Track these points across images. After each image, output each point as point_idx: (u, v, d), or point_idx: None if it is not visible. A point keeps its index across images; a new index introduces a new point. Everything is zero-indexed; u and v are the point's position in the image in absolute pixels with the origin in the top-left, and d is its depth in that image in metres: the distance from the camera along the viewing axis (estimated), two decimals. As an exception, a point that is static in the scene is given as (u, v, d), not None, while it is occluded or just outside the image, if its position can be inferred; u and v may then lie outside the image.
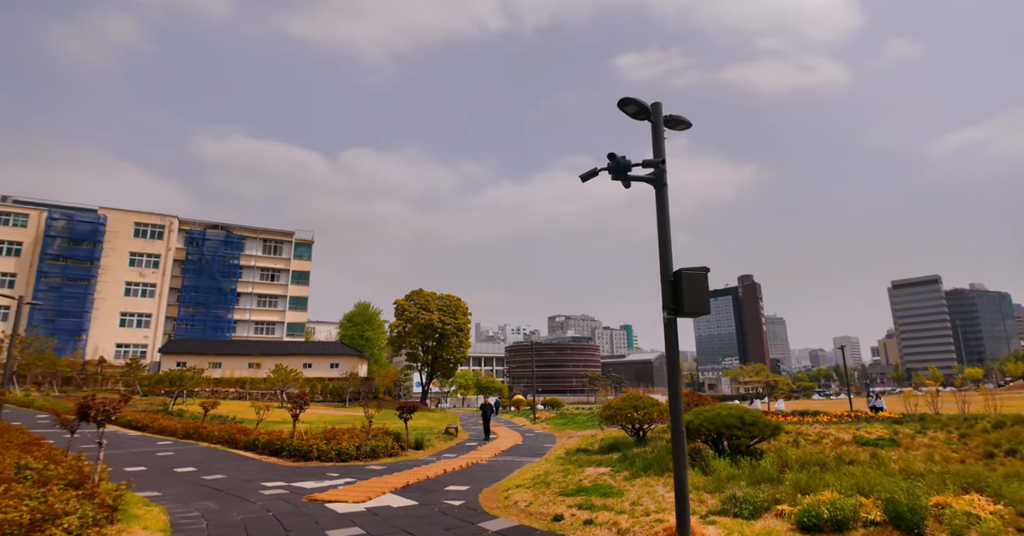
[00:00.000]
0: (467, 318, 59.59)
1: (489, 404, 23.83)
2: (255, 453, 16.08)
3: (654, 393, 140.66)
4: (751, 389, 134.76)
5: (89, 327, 58.53)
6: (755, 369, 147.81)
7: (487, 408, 23.52)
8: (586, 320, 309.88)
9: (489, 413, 23.29)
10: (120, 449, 16.65)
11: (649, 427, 14.33)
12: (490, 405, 23.75)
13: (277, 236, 72.14)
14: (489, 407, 23.63)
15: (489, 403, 24.09)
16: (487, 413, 23.28)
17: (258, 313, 69.24)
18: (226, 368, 55.69)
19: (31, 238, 58.13)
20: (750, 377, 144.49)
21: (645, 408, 13.63)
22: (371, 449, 15.39)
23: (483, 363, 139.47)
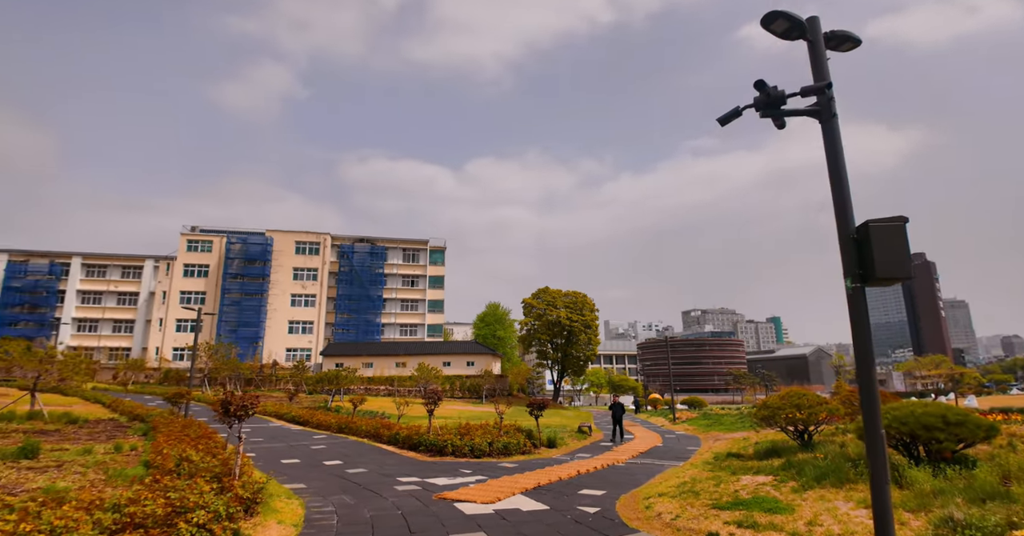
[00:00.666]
0: (594, 315, 58.33)
1: (620, 403, 21.63)
2: (396, 447, 16.61)
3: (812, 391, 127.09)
4: (930, 384, 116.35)
5: (264, 334, 66.69)
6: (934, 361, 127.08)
7: (617, 407, 21.41)
8: (726, 313, 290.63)
9: (620, 413, 21.24)
10: (282, 442, 18.18)
11: (816, 429, 12.25)
12: (621, 404, 21.55)
13: (414, 245, 76.79)
14: (620, 406, 21.44)
15: (620, 402, 21.78)
16: (618, 413, 21.22)
17: (402, 316, 74.11)
18: (377, 368, 60.19)
19: (215, 261, 67.72)
20: (928, 370, 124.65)
21: (810, 407, 11.63)
22: (503, 446, 15.09)
23: (614, 361, 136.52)
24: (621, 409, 21.33)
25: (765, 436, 15.99)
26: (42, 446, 13.93)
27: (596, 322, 58.94)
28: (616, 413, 21.23)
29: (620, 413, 21.21)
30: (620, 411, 21.25)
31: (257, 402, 8.19)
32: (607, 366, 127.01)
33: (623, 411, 21.38)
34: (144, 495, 5.00)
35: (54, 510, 4.07)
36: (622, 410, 21.34)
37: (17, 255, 66.91)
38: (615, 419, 21.15)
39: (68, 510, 4.10)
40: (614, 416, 21.25)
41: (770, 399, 12.52)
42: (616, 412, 21.25)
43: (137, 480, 6.23)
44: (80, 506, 4.37)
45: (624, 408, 21.82)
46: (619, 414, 21.14)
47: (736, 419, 25.62)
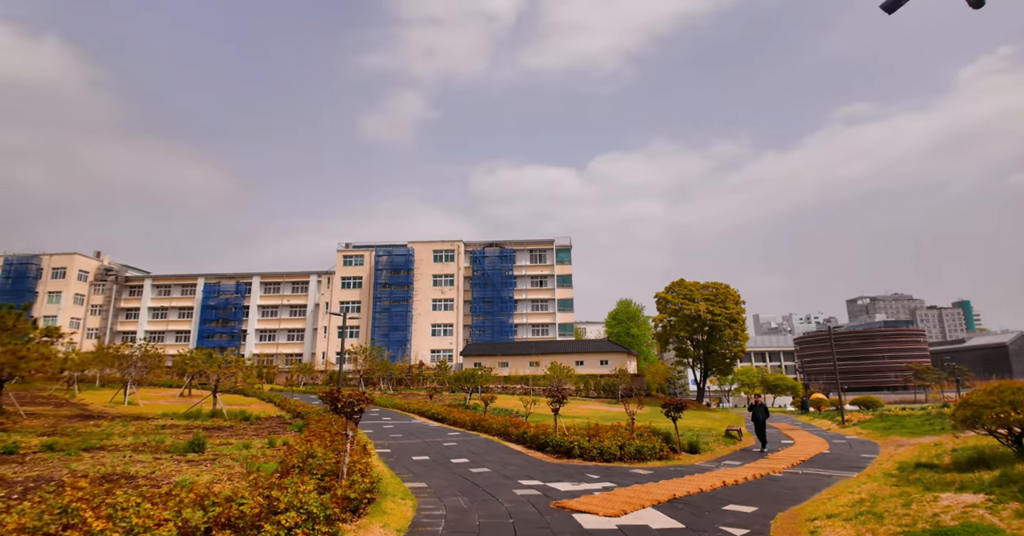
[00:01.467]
0: (740, 307, 53.59)
1: (763, 405, 18.28)
2: (523, 446, 16.18)
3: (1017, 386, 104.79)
4: None
5: (411, 337, 71.37)
6: None
7: (760, 410, 18.07)
8: (900, 300, 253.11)
9: (764, 417, 17.90)
10: (418, 438, 18.69)
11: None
12: (764, 406, 18.20)
13: (540, 245, 77.35)
14: (763, 409, 18.10)
15: (763, 403, 18.40)
16: (759, 416, 17.93)
17: (533, 316, 74.87)
18: (512, 367, 61.33)
19: (367, 273, 74.05)
20: None
21: None
22: (636, 450, 13.89)
23: (768, 358, 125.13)
24: (764, 412, 18.07)
25: (964, 442, 12.91)
26: (209, 441, 15.64)
27: (742, 315, 54.18)
28: (758, 416, 18.02)
29: (763, 416, 17.95)
30: (763, 414, 17.98)
31: (366, 400, 8.09)
32: (759, 364, 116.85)
33: (767, 414, 18.08)
34: (241, 494, 4.91)
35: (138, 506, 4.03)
36: (765, 413, 18.04)
37: (211, 278, 78.85)
38: (757, 424, 17.96)
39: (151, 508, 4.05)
40: (756, 420, 18.07)
41: (973, 395, 9.85)
42: (758, 415, 18.04)
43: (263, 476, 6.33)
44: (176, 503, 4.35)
45: (768, 410, 18.38)
46: (762, 418, 17.92)
47: (921, 421, 21.40)
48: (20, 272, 77.54)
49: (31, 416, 19.84)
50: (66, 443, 12.24)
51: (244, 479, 8.41)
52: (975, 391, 9.96)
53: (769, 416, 18.75)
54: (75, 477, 4.74)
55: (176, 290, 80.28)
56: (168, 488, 6.06)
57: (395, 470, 11.87)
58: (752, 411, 18.34)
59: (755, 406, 18.25)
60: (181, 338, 77.74)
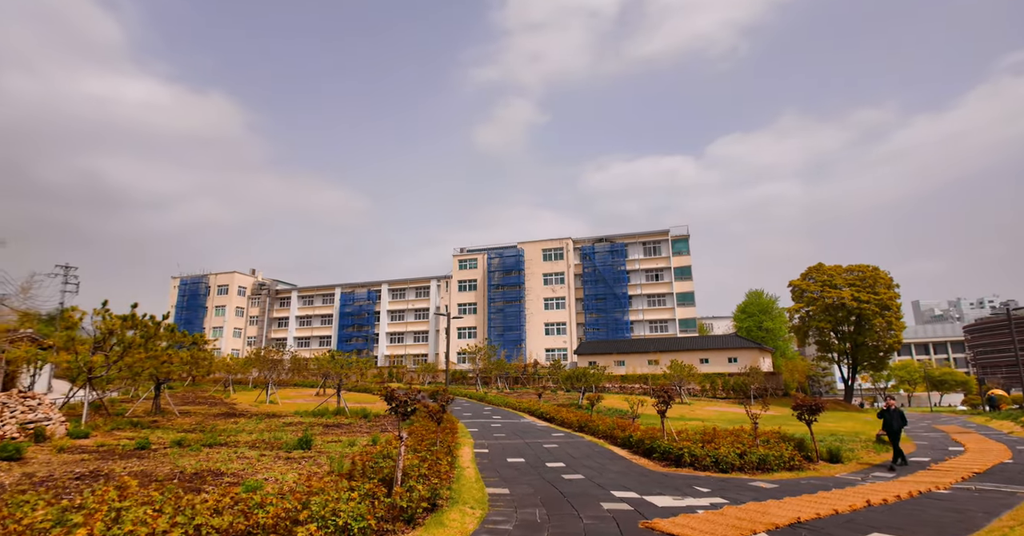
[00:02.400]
0: (893, 292, 46.66)
1: (898, 410, 14.60)
2: (629, 451, 14.95)
3: None
4: None
5: (525, 337, 71.88)
6: None
7: (894, 417, 14.45)
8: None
9: (899, 425, 14.33)
10: (520, 439, 18.18)
11: None
12: (900, 412, 14.55)
13: (654, 237, 73.94)
14: (898, 416, 14.46)
15: (897, 409, 14.70)
16: (894, 424, 14.37)
17: (650, 312, 71.75)
18: (628, 365, 59.13)
19: (480, 275, 75.97)
20: None
21: None
22: (759, 459, 12.09)
23: (932, 350, 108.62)
24: (901, 419, 14.44)
25: None
26: (321, 438, 16.39)
27: (896, 301, 47.16)
28: (892, 424, 14.41)
29: (900, 425, 14.35)
30: (900, 422, 14.37)
31: (421, 399, 7.59)
32: (922, 357, 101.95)
33: (904, 422, 14.47)
34: (269, 500, 4.59)
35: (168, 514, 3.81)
36: (902, 421, 14.45)
37: (346, 288, 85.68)
38: (891, 433, 14.41)
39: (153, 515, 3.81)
40: (888, 429, 14.51)
41: None
42: (892, 423, 14.42)
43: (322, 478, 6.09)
44: (193, 509, 4.12)
45: (905, 417, 14.61)
46: (897, 427, 14.32)
47: None
48: (193, 290, 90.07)
49: (184, 414, 22.39)
50: (193, 439, 13.39)
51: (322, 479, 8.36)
52: None
53: (907, 424, 15.13)
54: (124, 477, 4.71)
55: (318, 300, 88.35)
56: (222, 490, 5.96)
57: (484, 473, 11.38)
58: (884, 418, 14.71)
59: (888, 412, 14.64)
60: (324, 342, 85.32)
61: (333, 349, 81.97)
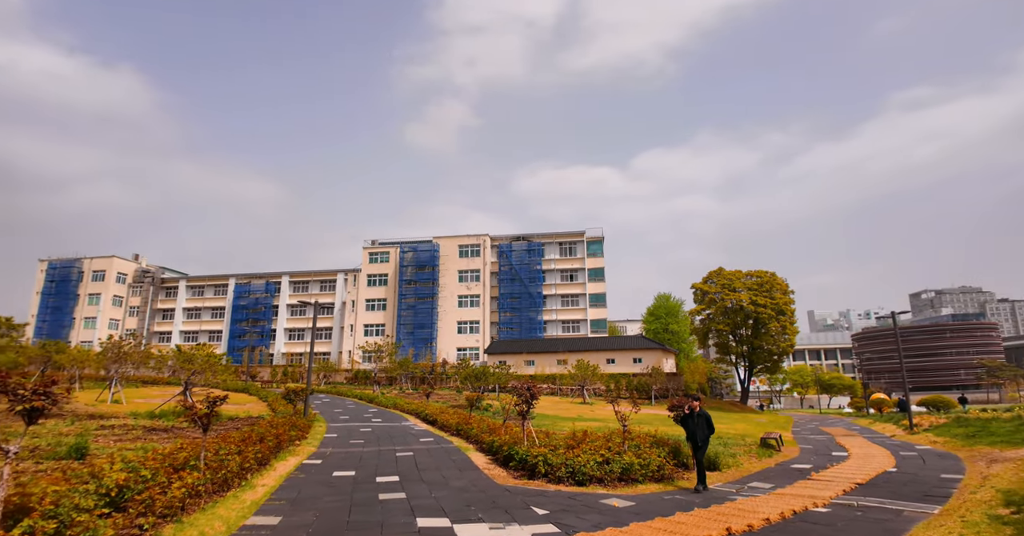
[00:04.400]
0: (788, 297, 48.23)
1: (702, 414, 10.78)
2: (490, 459, 12.86)
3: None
4: None
5: (437, 335, 68.96)
6: None
7: (698, 423, 10.66)
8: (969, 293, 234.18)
9: (704, 434, 10.59)
10: (378, 445, 15.60)
11: None
12: (704, 416, 10.75)
13: (570, 238, 73.48)
14: (703, 421, 10.67)
15: (702, 412, 10.82)
16: (697, 434, 10.59)
17: (563, 312, 71.13)
18: (538, 365, 57.85)
19: (392, 270, 72.14)
20: None
21: None
22: (623, 468, 10.30)
23: (823, 356, 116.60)
24: (708, 426, 10.65)
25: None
26: (113, 445, 13.14)
27: (791, 307, 48.77)
28: (692, 433, 10.66)
29: (705, 434, 10.60)
30: (706, 430, 10.62)
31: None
32: (814, 362, 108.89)
33: (711, 430, 10.71)
34: None
35: None
36: (709, 428, 10.67)
37: (241, 278, 78.87)
38: (693, 445, 10.72)
39: None
40: (690, 439, 10.86)
41: None
42: (692, 431, 10.68)
43: None
44: None
45: (711, 423, 10.79)
46: (702, 437, 10.56)
47: (1015, 426, 16.65)
48: (63, 276, 79.68)
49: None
50: None
51: None
52: None
53: (713, 431, 10.79)
54: None
55: (209, 290, 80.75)
56: None
57: (280, 492, 8.81)
58: (686, 426, 10.91)
59: (690, 417, 10.80)
60: (214, 338, 78.02)
61: (224, 345, 75.17)
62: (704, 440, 10.58)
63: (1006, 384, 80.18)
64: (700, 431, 10.58)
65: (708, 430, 10.66)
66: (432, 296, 69.47)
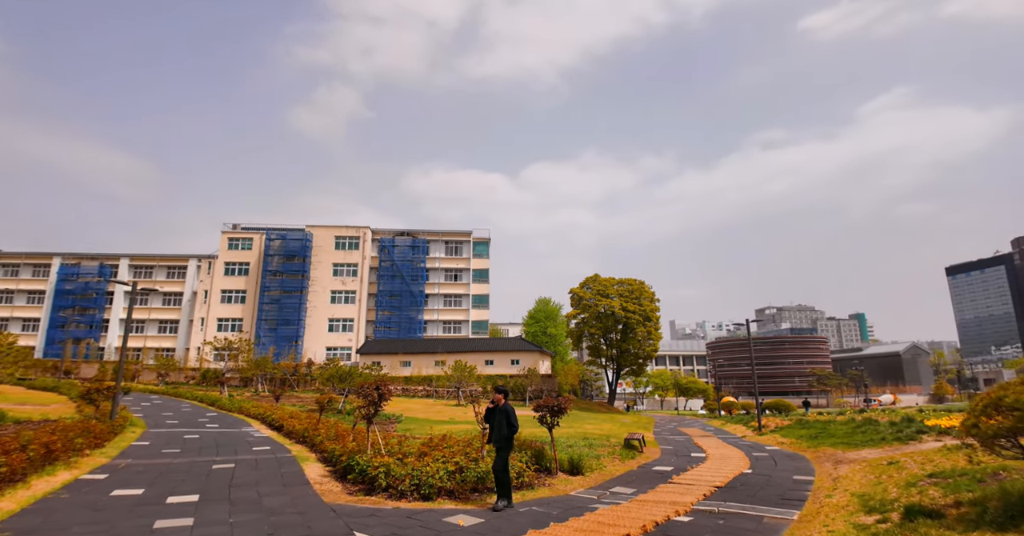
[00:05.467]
0: (655, 305, 50.83)
1: (508, 409, 8.79)
2: (329, 469, 10.95)
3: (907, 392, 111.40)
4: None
5: (304, 333, 63.66)
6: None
7: (501, 420, 8.62)
8: (804, 310, 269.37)
9: (507, 432, 8.53)
10: (196, 456, 12.89)
11: None
12: (507, 411, 8.71)
13: (456, 237, 71.96)
14: (505, 417, 8.63)
15: (506, 406, 8.83)
16: (502, 431, 8.54)
17: (445, 313, 69.39)
18: (415, 366, 55.52)
19: (256, 259, 65.43)
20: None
21: None
22: (478, 477, 9.00)
23: (681, 362, 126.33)
24: (508, 424, 8.57)
25: (953, 462, 9.05)
26: None
27: (656, 313, 51.43)
28: (499, 430, 8.58)
29: (509, 433, 8.56)
30: (510, 428, 8.57)
31: None
32: (673, 367, 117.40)
33: (514, 428, 8.60)
34: None
35: None
36: (511, 426, 8.57)
37: (69, 258, 67.34)
38: (500, 448, 8.52)
39: None
40: (495, 441, 8.61)
41: (1009, 392, 5.70)
42: (499, 428, 8.60)
43: None
44: None
45: (514, 422, 8.61)
46: (505, 436, 8.53)
47: (851, 428, 18.13)
48: None
49: None
50: None
51: None
52: (1007, 386, 5.87)
53: (516, 430, 8.63)
54: None
55: (27, 271, 68.01)
56: None
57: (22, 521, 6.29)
58: (489, 423, 8.84)
59: (490, 413, 8.90)
60: (29, 327, 65.90)
61: (41, 335, 63.56)
62: (502, 441, 8.42)
63: (832, 391, 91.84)
64: (499, 430, 8.49)
65: (508, 428, 8.48)
66: (301, 290, 64.10)
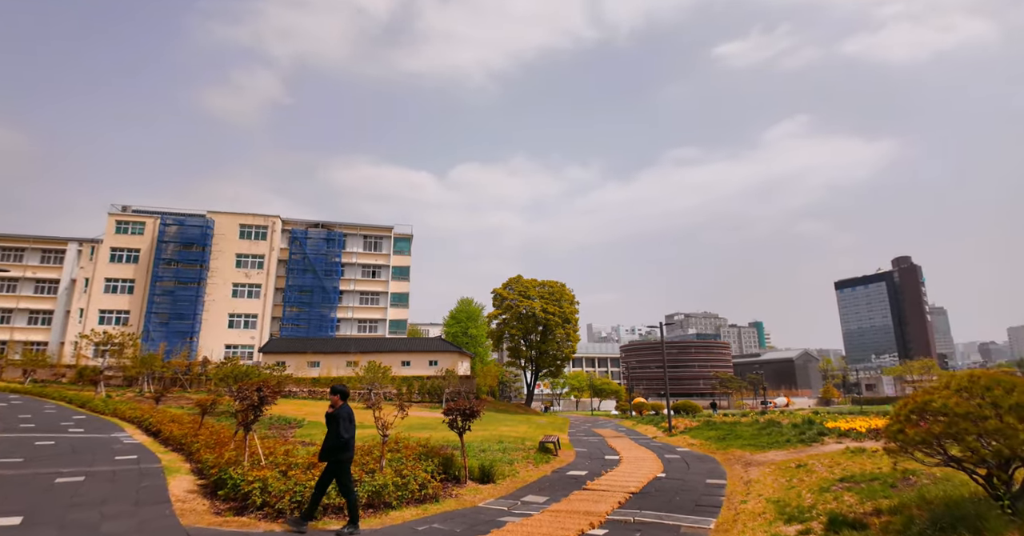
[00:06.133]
0: (574, 308, 51.35)
1: (347, 410, 7.24)
2: (200, 483, 9.40)
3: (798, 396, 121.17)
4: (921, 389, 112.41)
5: (200, 329, 58.52)
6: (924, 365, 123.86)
7: (341, 420, 6.99)
8: (708, 317, 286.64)
9: (347, 435, 6.96)
10: (33, 467, 10.76)
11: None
12: (348, 412, 7.22)
13: (376, 231, 69.17)
14: (348, 417, 7.13)
15: (344, 409, 7.22)
16: (342, 435, 6.90)
17: (360, 311, 66.43)
18: (324, 367, 52.51)
19: (147, 245, 59.35)
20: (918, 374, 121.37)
21: None
22: (373, 491, 7.91)
23: (596, 364, 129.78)
24: (335, 432, 6.94)
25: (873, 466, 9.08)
26: None
27: (576, 316, 51.96)
28: (338, 435, 6.93)
29: (330, 442, 6.96)
30: (333, 437, 6.95)
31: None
32: (590, 369, 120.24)
33: (337, 438, 6.89)
34: None
35: None
36: (336, 437, 6.91)
37: (-85, 236, 58.24)
38: (329, 465, 6.95)
39: None
40: (327, 451, 6.95)
41: (936, 397, 5.44)
42: (339, 432, 6.94)
43: None
44: None
45: (352, 426, 7.15)
46: (344, 442, 6.95)
47: (756, 430, 18.68)
48: None
49: None
50: None
51: None
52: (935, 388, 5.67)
53: (343, 438, 6.95)
54: None
55: None
56: None
57: None
58: (330, 426, 7.07)
59: (331, 416, 7.13)
60: None
61: None
62: (329, 451, 6.74)
63: (733, 393, 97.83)
64: (344, 431, 6.84)
65: (334, 439, 6.75)
66: (199, 281, 58.80)
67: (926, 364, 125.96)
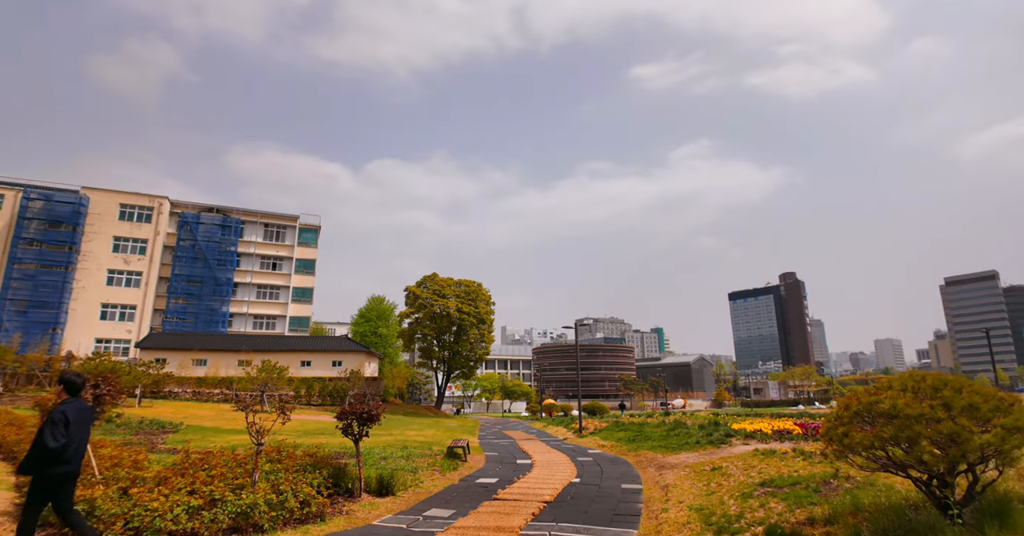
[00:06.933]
0: (490, 308, 50.61)
1: (82, 406, 5.35)
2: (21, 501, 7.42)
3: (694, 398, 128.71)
4: (801, 394, 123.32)
5: (67, 320, 51.50)
6: (804, 372, 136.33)
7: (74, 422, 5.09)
8: (615, 323, 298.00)
9: (84, 435, 5.31)
10: None
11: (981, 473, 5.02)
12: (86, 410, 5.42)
13: (280, 220, 64.50)
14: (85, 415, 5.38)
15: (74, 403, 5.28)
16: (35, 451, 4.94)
17: (257, 305, 61.53)
18: (212, 365, 47.86)
19: (5, 221, 51.46)
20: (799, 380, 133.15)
21: (995, 418, 4.35)
22: (240, 512, 6.47)
23: (509, 366, 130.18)
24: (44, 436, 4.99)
25: (765, 466, 8.81)
26: None
27: (492, 316, 51.20)
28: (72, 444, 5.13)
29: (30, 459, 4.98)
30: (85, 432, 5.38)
31: None
32: (502, 371, 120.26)
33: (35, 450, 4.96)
34: None
35: None
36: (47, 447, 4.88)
37: None
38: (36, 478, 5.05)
39: None
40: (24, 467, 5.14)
41: (883, 397, 5.03)
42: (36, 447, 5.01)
43: None
44: None
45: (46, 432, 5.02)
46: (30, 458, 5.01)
47: (665, 431, 18.73)
48: None
49: None
50: None
51: None
52: (880, 387, 5.27)
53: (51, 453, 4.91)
54: None
55: None
56: None
57: None
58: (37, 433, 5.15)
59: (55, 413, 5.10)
60: None
61: None
62: (30, 463, 4.94)
63: (635, 395, 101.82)
64: (83, 433, 5.30)
65: (37, 446, 4.93)
66: (67, 266, 51.80)
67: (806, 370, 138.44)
